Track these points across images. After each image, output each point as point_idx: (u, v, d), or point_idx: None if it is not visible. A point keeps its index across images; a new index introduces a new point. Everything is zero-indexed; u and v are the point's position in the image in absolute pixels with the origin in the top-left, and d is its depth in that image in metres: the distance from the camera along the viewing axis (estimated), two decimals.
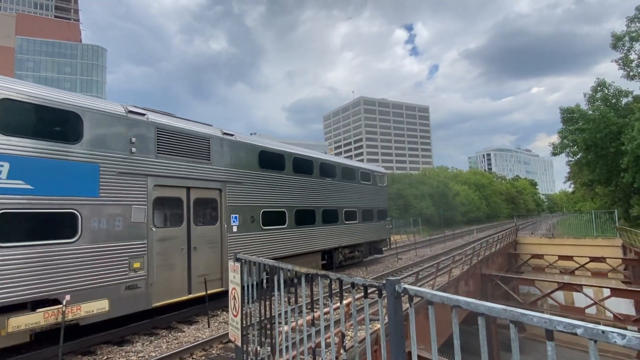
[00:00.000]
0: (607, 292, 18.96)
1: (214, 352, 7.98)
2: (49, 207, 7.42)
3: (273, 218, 13.26)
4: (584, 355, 17.75)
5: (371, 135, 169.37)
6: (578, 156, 35.57)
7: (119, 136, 8.78)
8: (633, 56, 31.21)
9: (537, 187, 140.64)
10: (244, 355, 4.36)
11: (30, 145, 7.25)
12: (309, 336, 3.51)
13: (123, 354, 7.83)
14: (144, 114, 9.46)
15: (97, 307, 7.98)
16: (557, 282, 20.63)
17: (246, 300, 4.27)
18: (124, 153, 8.80)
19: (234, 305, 4.46)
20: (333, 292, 3.03)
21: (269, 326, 4.10)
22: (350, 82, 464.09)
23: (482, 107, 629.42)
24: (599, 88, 32.90)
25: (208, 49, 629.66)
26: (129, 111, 9.12)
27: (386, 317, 2.37)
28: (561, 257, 28.10)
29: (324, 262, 16.50)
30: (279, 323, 3.87)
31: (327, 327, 3.49)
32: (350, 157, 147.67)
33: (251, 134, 13.46)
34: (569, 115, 33.23)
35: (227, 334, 8.26)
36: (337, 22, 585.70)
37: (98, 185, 8.22)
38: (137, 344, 8.47)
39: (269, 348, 4.11)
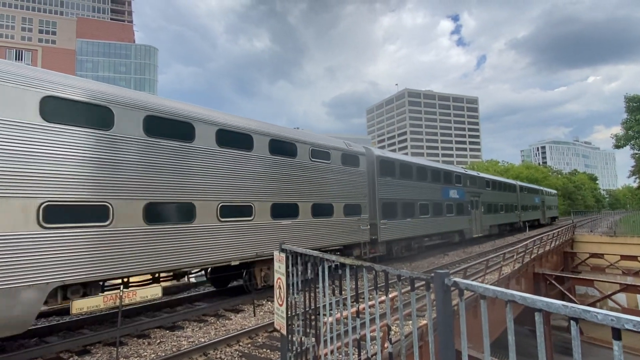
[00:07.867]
0: None
1: (259, 340, 8.18)
2: None
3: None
4: None
5: (416, 129, 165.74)
6: None
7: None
8: None
9: (597, 182, 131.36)
10: (289, 345, 4.42)
11: None
12: (354, 328, 3.49)
13: (175, 338, 8.22)
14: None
15: (152, 293, 8.43)
16: (620, 284, 19.25)
17: (291, 291, 4.32)
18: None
19: (280, 294, 4.53)
20: (378, 285, 2.98)
21: (313, 317, 4.13)
22: (392, 76, 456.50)
23: (532, 98, 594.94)
24: None
25: (252, 48, 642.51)
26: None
27: (433, 312, 2.30)
28: (624, 257, 26.12)
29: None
30: (324, 315, 3.87)
31: (372, 320, 3.44)
32: (394, 150, 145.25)
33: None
34: (635, 105, 30.63)
35: (272, 323, 8.43)
36: (379, 16, 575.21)
37: None
38: (188, 329, 8.86)
39: (313, 338, 4.13)
